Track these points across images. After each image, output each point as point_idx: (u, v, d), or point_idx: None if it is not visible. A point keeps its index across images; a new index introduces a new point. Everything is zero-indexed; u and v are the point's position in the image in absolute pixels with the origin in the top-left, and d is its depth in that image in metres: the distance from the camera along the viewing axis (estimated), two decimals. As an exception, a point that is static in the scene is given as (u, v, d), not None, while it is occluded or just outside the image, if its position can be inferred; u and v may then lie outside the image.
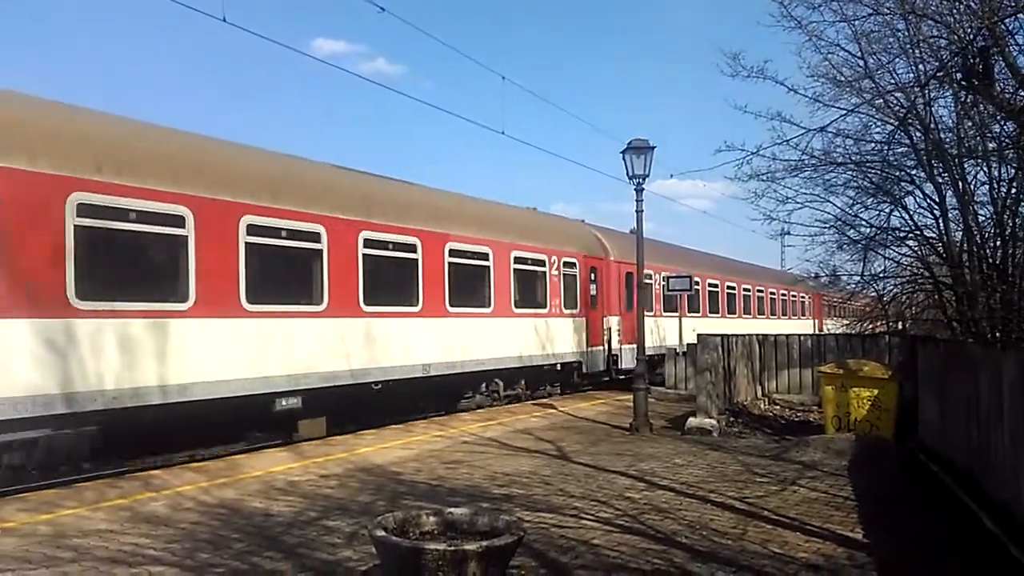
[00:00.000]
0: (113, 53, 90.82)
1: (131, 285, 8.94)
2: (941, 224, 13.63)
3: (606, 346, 19.15)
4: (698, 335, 14.20)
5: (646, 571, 5.35)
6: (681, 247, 27.60)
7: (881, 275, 15.57)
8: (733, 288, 27.50)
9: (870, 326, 17.46)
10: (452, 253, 14.04)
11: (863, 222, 15.14)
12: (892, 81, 13.13)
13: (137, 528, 6.45)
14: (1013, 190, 11.66)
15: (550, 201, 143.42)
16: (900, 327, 17.16)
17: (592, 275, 18.70)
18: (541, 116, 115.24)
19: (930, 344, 11.18)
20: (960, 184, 12.61)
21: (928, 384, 10.26)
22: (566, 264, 17.51)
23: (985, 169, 12.21)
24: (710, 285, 25.54)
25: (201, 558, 5.62)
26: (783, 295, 33.00)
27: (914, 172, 13.94)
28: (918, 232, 14.40)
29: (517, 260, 15.92)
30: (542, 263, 16.81)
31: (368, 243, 12.15)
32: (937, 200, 13.54)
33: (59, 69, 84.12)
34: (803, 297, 35.38)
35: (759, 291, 30.48)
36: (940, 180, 13.28)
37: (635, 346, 13.58)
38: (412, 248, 13.12)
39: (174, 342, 9.21)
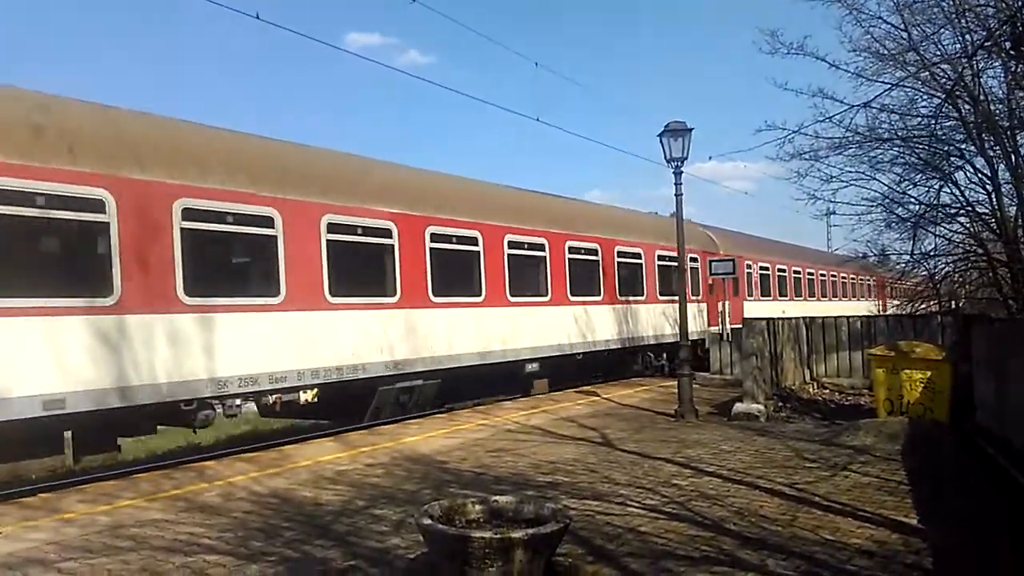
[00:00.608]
0: (148, 52, 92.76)
1: (454, 286, 12.97)
2: (994, 199, 13.22)
3: (721, 325, 22.13)
4: (743, 319, 14.00)
5: (695, 558, 5.30)
6: (765, 238, 29.87)
7: (932, 253, 15.18)
8: (812, 273, 30.65)
9: (921, 306, 17.04)
10: (619, 254, 17.86)
11: (912, 199, 14.79)
12: (938, 53, 12.77)
13: (192, 518, 6.61)
14: (1070, 162, 11.25)
15: (586, 188, 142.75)
16: (953, 307, 16.70)
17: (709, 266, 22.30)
18: (576, 101, 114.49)
19: (984, 323, 10.85)
20: (1013, 157, 12.21)
21: (983, 364, 9.96)
22: (691, 259, 20.42)
23: (1039, 140, 11.80)
24: (794, 272, 28.86)
25: (254, 546, 5.74)
26: (851, 279, 34.98)
27: (964, 146, 13.54)
28: (970, 208, 14.00)
29: (660, 258, 19.52)
30: (676, 259, 19.08)
31: (571, 250, 16.19)
32: (989, 174, 13.13)
33: (107, 69, 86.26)
34: (868, 279, 35.49)
35: (833, 276, 32.93)
36: (991, 153, 12.88)
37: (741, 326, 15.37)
38: (595, 252, 17.05)
39: (477, 323, 13.34)
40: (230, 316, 9.43)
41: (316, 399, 10.92)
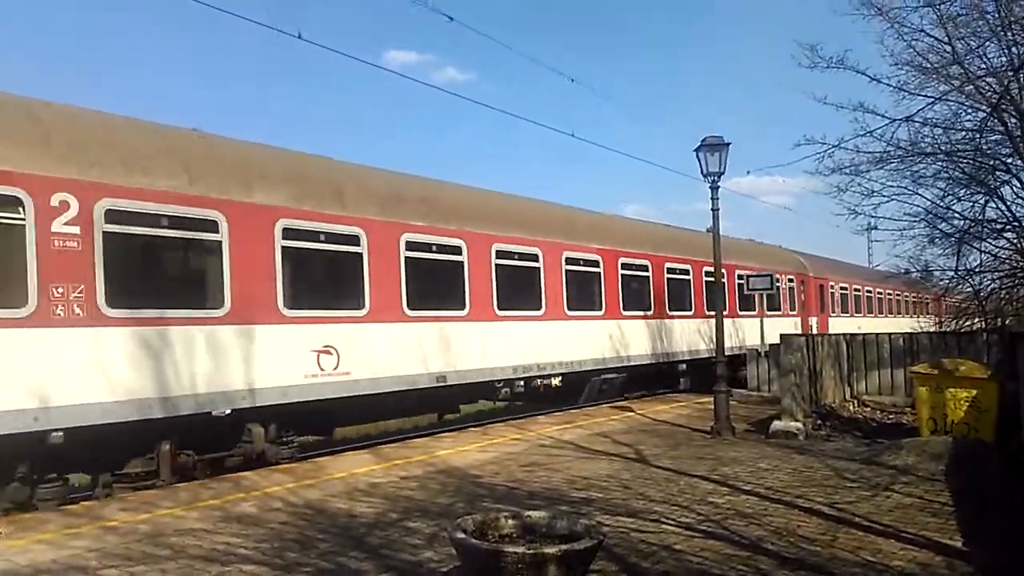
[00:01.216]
0: (189, 67, 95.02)
1: (634, 302, 16.87)
2: (1042, 214, 12.89)
3: None
4: (781, 335, 13.81)
5: (730, 577, 5.22)
6: (843, 262, 33.45)
7: (977, 270, 14.85)
8: (881, 292, 33.78)
9: (966, 323, 16.63)
10: (738, 277, 21.63)
11: (956, 214, 14.50)
12: (983, 66, 12.56)
13: (229, 528, 6.70)
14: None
15: (622, 203, 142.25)
16: (999, 324, 16.27)
17: (802, 286, 26.20)
18: (611, 117, 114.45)
19: (1033, 341, 10.53)
20: (1062, 171, 11.90)
21: (1032, 384, 9.67)
22: (788, 280, 24.90)
23: (1089, 155, 11.49)
24: (867, 291, 32.16)
25: (289, 557, 5.80)
26: (911, 296, 36.97)
27: (1010, 160, 13.26)
28: (1016, 223, 13.67)
29: None
30: (777, 279, 23.70)
31: (706, 274, 19.43)
32: (1037, 189, 12.81)
33: (141, 82, 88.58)
34: (926, 297, 35.60)
35: (898, 294, 35.70)
36: (1039, 168, 12.57)
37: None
38: (722, 276, 20.04)
39: (648, 331, 17.24)
40: (518, 324, 13.58)
41: (560, 384, 15.08)
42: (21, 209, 7.45)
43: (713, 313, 18.63)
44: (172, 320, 8.53)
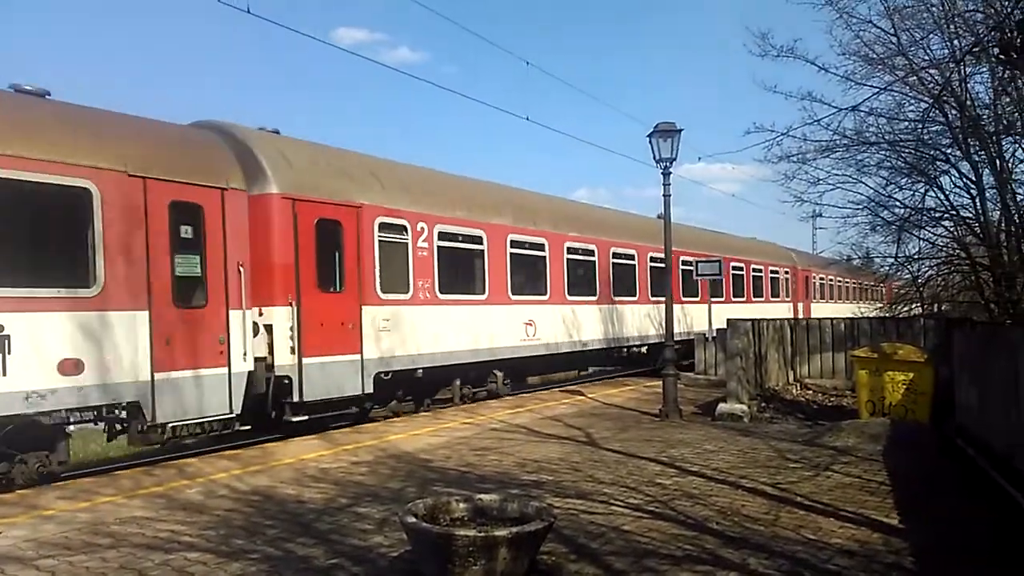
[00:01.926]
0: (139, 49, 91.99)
1: (688, 291, 21.90)
2: (978, 204, 13.31)
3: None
4: (728, 320, 14.07)
5: (677, 557, 5.31)
6: (823, 256, 36.77)
7: (916, 257, 15.28)
8: (852, 283, 38.72)
9: (904, 309, 17.16)
10: (754, 270, 26.84)
11: (897, 203, 14.86)
12: (926, 57, 12.85)
13: (173, 515, 6.55)
14: (1053, 167, 11.34)
15: (574, 187, 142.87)
16: (935, 310, 16.83)
17: (793, 277, 31.15)
18: (565, 101, 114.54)
19: (967, 327, 10.94)
20: (998, 162, 12.31)
21: (965, 367, 10.05)
22: (785, 272, 30.33)
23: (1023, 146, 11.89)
24: (839, 281, 37.31)
25: (236, 544, 5.70)
26: (871, 285, 39.12)
27: (949, 151, 13.62)
28: (954, 212, 14.09)
29: (772, 271, 28.76)
30: (777, 271, 29.38)
31: (754, 269, 26.60)
32: (974, 179, 13.22)
33: (82, 64, 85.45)
34: (880, 287, 37.11)
35: (863, 284, 39.05)
36: (977, 158, 12.97)
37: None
38: (741, 268, 25.91)
39: (698, 314, 21.59)
40: (624, 306, 18.72)
41: (647, 351, 20.08)
42: (405, 232, 12.26)
43: (736, 300, 24.78)
44: (462, 301, 13.55)
